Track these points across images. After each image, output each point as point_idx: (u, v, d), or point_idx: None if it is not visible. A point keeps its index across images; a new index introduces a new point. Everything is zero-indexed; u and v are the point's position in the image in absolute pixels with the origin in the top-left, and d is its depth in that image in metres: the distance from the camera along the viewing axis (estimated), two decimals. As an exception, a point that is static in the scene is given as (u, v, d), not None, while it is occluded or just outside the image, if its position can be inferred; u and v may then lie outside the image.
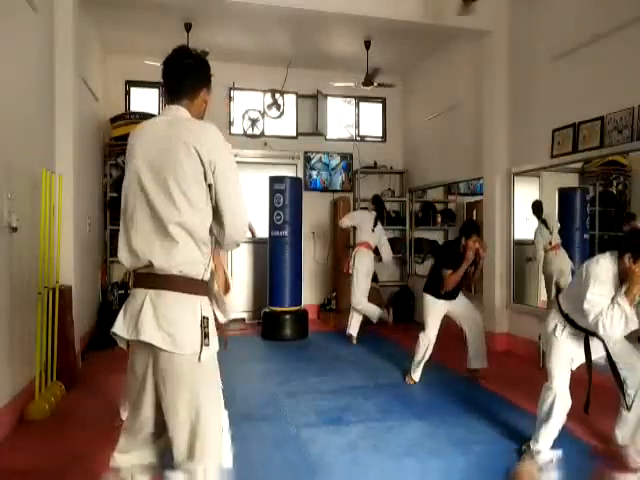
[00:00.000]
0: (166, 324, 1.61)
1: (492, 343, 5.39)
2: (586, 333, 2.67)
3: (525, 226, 5.28)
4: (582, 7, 4.45)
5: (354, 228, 6.19)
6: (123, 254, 1.70)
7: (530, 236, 5.19)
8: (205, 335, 1.64)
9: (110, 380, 4.04)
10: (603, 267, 2.53)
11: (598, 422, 3.10)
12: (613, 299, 2.46)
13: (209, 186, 1.67)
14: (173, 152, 1.64)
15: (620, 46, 4.05)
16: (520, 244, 5.37)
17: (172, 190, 1.63)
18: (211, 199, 1.68)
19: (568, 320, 2.73)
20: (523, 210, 5.29)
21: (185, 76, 1.78)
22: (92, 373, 4.39)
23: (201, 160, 1.64)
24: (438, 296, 4.22)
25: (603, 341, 2.65)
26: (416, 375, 4.26)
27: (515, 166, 5.31)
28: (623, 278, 2.49)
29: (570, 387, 2.74)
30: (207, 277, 1.72)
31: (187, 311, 1.65)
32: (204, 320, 1.66)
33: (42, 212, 3.60)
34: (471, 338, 4.28)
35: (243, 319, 7.17)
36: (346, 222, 5.98)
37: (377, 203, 5.96)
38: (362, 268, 5.72)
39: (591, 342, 2.68)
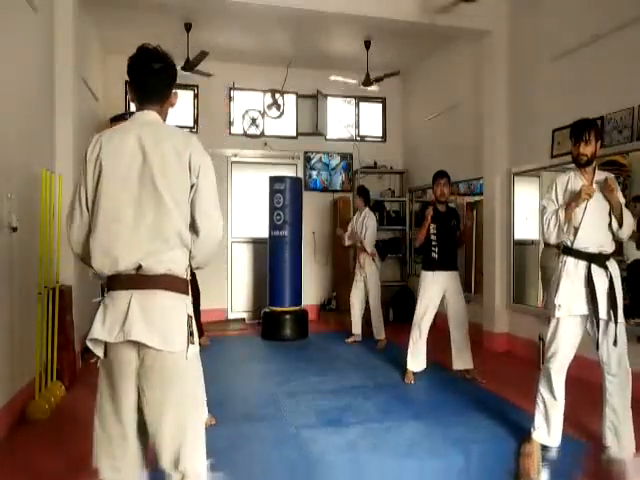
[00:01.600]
0: (155, 322, 1.61)
1: (492, 343, 5.41)
2: (588, 262, 2.71)
3: (525, 226, 5.28)
4: (582, 7, 4.45)
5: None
6: (100, 259, 1.64)
7: (530, 236, 5.19)
8: (190, 333, 1.67)
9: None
10: (563, 178, 2.83)
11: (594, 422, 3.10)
12: (558, 209, 2.75)
13: (190, 190, 1.69)
14: (165, 161, 1.66)
15: (620, 46, 4.05)
16: (520, 244, 5.37)
17: (163, 194, 1.64)
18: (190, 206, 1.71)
19: (566, 251, 2.80)
20: (523, 210, 5.29)
21: (156, 81, 1.77)
22: (92, 373, 4.36)
23: (190, 170, 1.68)
24: (431, 266, 4.22)
25: (607, 268, 2.69)
26: (412, 365, 4.23)
27: (515, 166, 5.31)
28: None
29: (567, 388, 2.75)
30: (188, 277, 1.75)
31: (174, 309, 1.67)
32: (189, 318, 1.69)
33: (42, 212, 3.60)
34: (453, 335, 4.27)
35: (243, 319, 7.18)
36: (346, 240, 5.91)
37: (363, 194, 5.82)
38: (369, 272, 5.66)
39: (594, 277, 2.69)
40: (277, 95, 7.31)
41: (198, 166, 1.69)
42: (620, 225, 2.70)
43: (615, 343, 2.66)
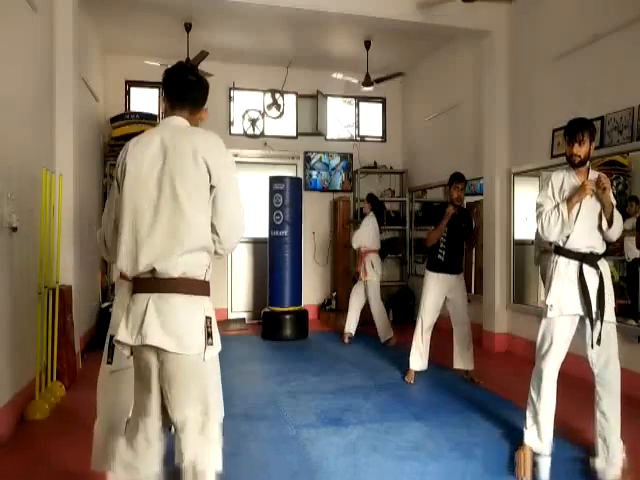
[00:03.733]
0: (171, 326, 1.63)
1: (492, 343, 5.41)
2: (579, 262, 2.69)
3: (525, 226, 5.27)
4: (582, 7, 4.46)
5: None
6: (125, 261, 1.68)
7: (530, 236, 5.18)
8: (209, 335, 1.67)
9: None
10: (558, 176, 2.78)
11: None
12: (557, 205, 2.69)
13: (211, 193, 1.70)
14: (182, 161, 1.67)
15: (620, 46, 4.05)
16: (520, 244, 5.37)
17: (180, 197, 1.65)
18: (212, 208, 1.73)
19: (558, 251, 2.77)
20: (523, 210, 5.29)
21: (189, 90, 1.83)
22: (92, 373, 4.35)
23: (208, 169, 1.68)
24: (437, 268, 4.22)
25: (597, 268, 2.66)
26: (414, 365, 4.23)
27: (515, 166, 5.32)
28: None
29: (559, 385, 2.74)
30: (209, 278, 1.75)
31: (191, 312, 1.67)
32: (207, 320, 1.68)
33: (42, 212, 3.60)
34: (456, 334, 4.28)
35: (243, 319, 7.18)
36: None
37: (371, 200, 5.87)
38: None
39: (585, 276, 2.66)
40: (277, 95, 7.31)
41: (217, 167, 1.69)
42: (610, 225, 2.66)
43: (599, 342, 2.62)
